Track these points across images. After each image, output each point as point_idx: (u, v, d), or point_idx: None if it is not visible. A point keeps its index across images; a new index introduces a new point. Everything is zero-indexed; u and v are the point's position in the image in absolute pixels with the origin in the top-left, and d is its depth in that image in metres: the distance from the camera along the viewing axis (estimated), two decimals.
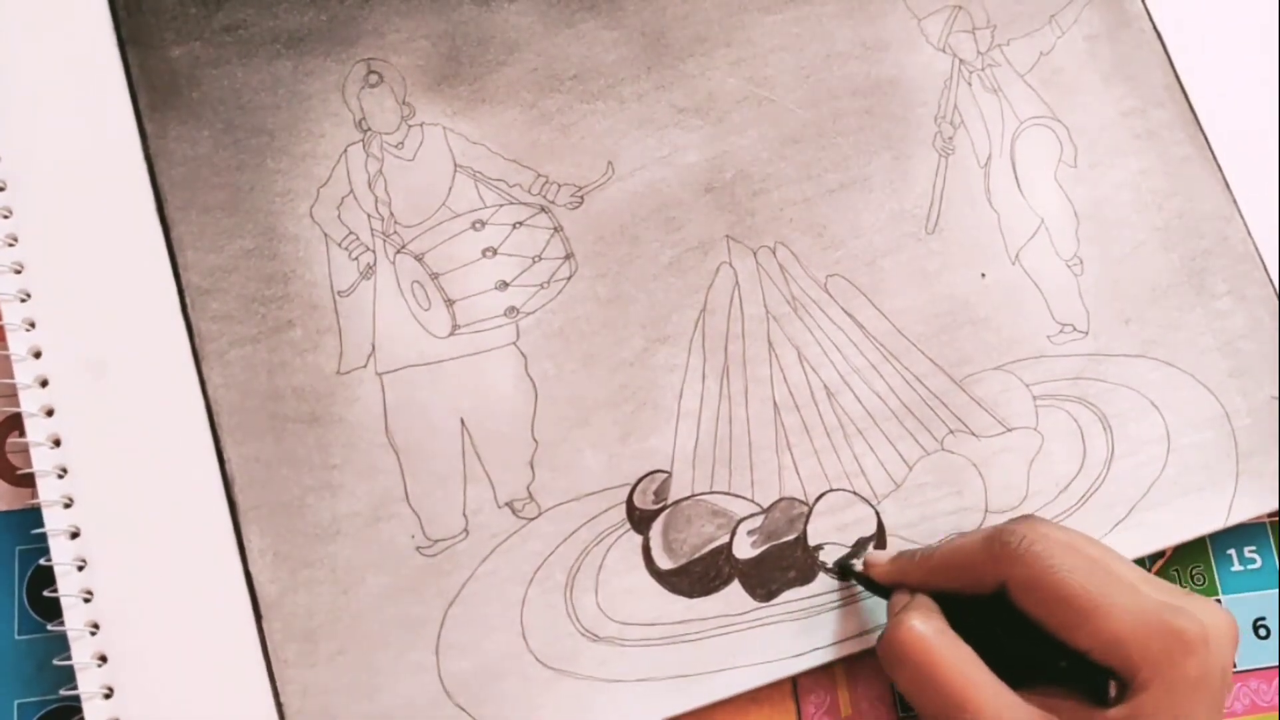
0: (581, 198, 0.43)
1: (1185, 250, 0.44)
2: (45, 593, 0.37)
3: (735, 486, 0.40)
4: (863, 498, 0.40)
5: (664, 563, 0.39)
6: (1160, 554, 0.42)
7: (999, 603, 0.34)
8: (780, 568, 0.39)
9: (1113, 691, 0.33)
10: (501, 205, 0.42)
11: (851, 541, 0.40)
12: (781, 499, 0.40)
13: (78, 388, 0.39)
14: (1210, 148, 0.45)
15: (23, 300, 0.39)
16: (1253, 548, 0.42)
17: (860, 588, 0.39)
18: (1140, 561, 0.41)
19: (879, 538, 0.40)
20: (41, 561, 0.37)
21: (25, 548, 0.39)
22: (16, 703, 0.38)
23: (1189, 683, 0.31)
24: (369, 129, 0.42)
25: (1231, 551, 0.42)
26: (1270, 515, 0.42)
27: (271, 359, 0.40)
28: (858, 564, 0.39)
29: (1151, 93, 0.45)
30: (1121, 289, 0.43)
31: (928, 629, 0.33)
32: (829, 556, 0.39)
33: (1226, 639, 0.32)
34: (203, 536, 0.38)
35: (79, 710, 0.36)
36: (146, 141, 0.41)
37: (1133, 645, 0.31)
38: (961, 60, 0.45)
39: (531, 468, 0.40)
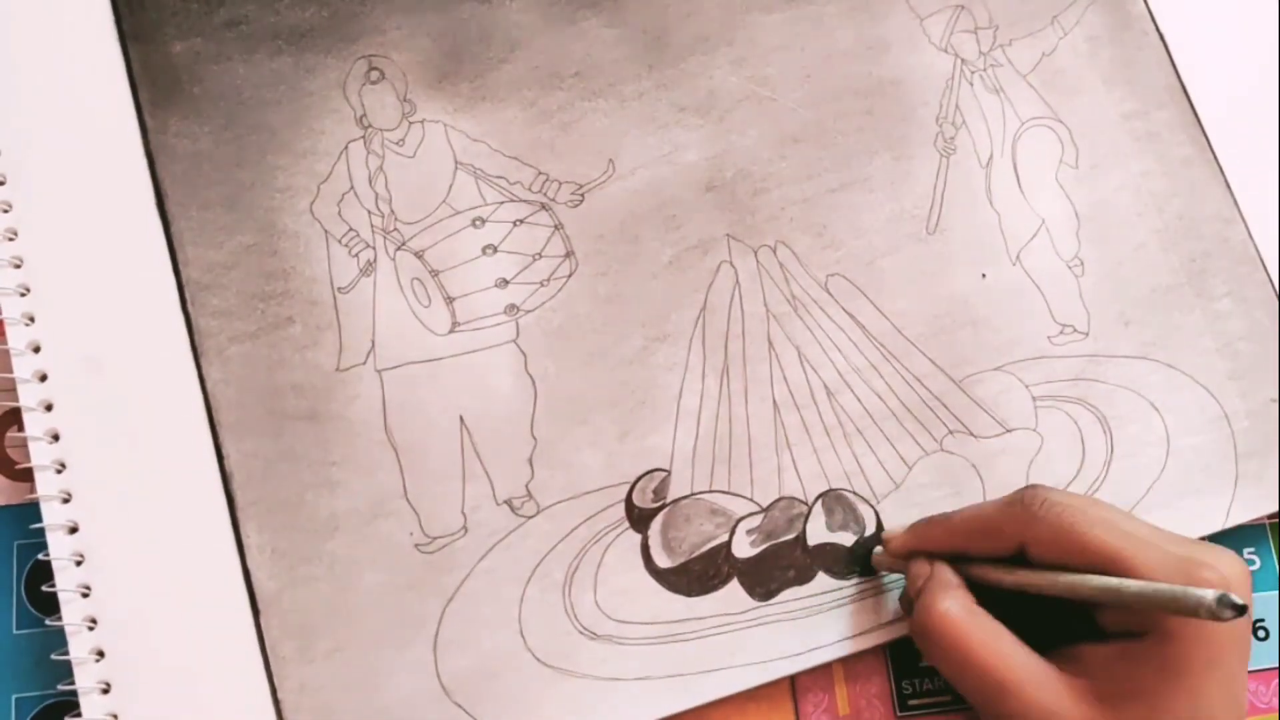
0: (582, 196, 0.42)
1: (1185, 252, 0.44)
2: (43, 588, 0.37)
3: (734, 485, 0.40)
4: (862, 497, 0.40)
5: (663, 561, 0.39)
6: None
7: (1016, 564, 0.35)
8: (779, 567, 0.39)
9: None
10: (502, 203, 0.42)
11: (850, 542, 0.40)
12: (781, 498, 0.40)
13: (76, 383, 0.39)
14: (1211, 149, 0.45)
15: (22, 295, 0.39)
16: (1251, 549, 0.42)
17: (867, 579, 0.39)
18: None
19: (877, 538, 0.40)
20: (40, 556, 0.37)
21: (23, 542, 0.39)
22: (14, 697, 0.38)
23: (1219, 627, 0.32)
24: (370, 125, 0.42)
25: None
26: (1269, 517, 0.42)
27: (271, 355, 0.40)
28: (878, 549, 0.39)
29: (1153, 94, 0.45)
30: (1122, 290, 0.43)
31: (957, 609, 0.34)
32: (836, 559, 0.39)
33: (1245, 586, 0.33)
34: (201, 532, 0.38)
35: (76, 705, 0.36)
36: (147, 137, 0.41)
37: None
38: (963, 60, 0.45)
39: (530, 465, 0.40)
